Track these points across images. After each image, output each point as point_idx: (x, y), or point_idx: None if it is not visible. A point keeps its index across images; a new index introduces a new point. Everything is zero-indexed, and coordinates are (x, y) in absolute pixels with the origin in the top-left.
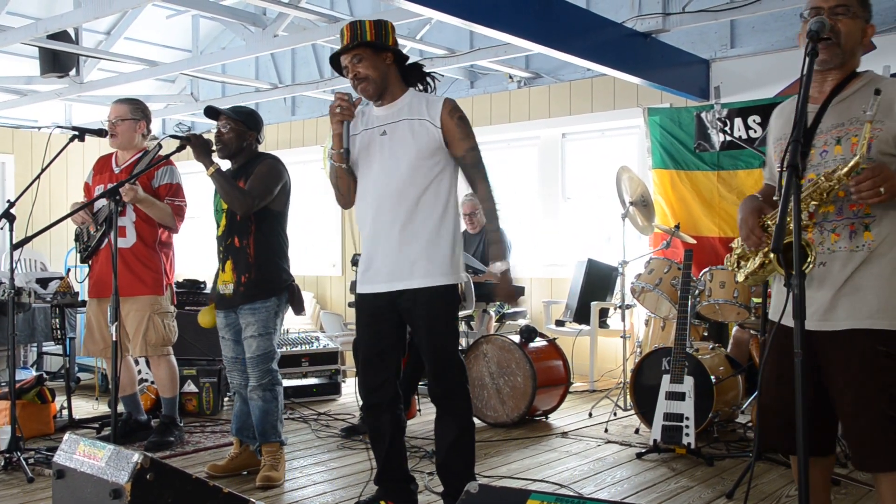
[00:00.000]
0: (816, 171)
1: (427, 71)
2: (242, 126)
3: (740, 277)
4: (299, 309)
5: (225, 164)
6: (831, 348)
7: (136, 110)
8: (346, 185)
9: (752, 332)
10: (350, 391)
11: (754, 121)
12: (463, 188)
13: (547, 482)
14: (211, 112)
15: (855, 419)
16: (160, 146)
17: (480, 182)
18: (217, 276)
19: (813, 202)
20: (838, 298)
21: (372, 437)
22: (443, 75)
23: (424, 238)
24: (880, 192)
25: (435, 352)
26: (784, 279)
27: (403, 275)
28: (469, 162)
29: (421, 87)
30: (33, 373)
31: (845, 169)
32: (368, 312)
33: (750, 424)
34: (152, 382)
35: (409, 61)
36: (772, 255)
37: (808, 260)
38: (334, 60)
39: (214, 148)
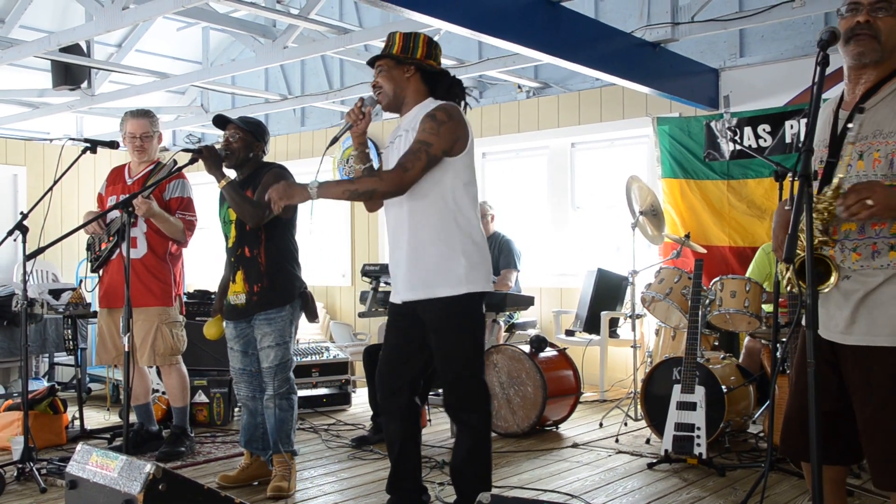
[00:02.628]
0: (846, 183)
1: (462, 87)
2: (250, 136)
3: (784, 284)
4: (313, 316)
5: (230, 174)
6: (851, 362)
7: (156, 122)
8: None
9: (763, 341)
10: (360, 401)
11: (764, 130)
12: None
13: (558, 492)
14: (220, 121)
15: (872, 437)
16: (175, 162)
17: (385, 170)
18: (225, 287)
19: (819, 223)
20: (858, 313)
21: (386, 443)
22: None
23: (426, 248)
24: (868, 205)
25: (444, 363)
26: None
27: (414, 285)
28: (408, 149)
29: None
30: (45, 383)
31: (829, 192)
32: (392, 321)
33: (762, 434)
34: (163, 393)
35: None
36: (788, 272)
37: (829, 281)
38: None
39: (223, 155)
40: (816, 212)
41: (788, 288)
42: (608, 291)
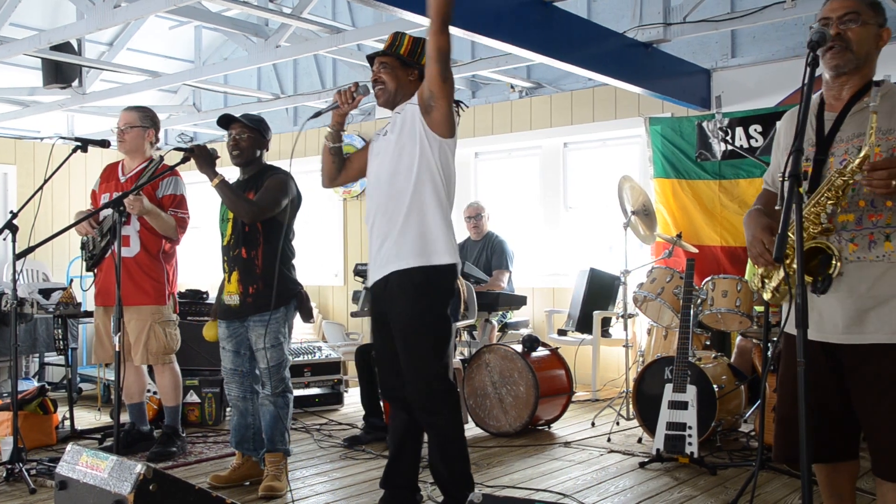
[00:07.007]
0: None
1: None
2: (257, 133)
3: (767, 296)
4: (308, 316)
5: (232, 173)
6: (860, 361)
7: (146, 118)
8: (327, 163)
9: (754, 341)
10: (352, 401)
11: (755, 130)
12: (462, 190)
13: (550, 492)
14: (225, 119)
15: (884, 431)
16: (162, 158)
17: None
18: (222, 287)
19: (829, 202)
20: (865, 311)
21: (389, 433)
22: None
23: (400, 221)
24: (891, 185)
25: (404, 349)
26: (810, 285)
27: (385, 261)
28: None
29: None
30: (35, 383)
31: (857, 161)
32: (375, 307)
33: (753, 433)
34: (155, 393)
35: None
36: (776, 275)
37: (833, 263)
38: (372, 60)
39: (231, 154)
40: (832, 188)
41: (769, 297)
42: (600, 291)
